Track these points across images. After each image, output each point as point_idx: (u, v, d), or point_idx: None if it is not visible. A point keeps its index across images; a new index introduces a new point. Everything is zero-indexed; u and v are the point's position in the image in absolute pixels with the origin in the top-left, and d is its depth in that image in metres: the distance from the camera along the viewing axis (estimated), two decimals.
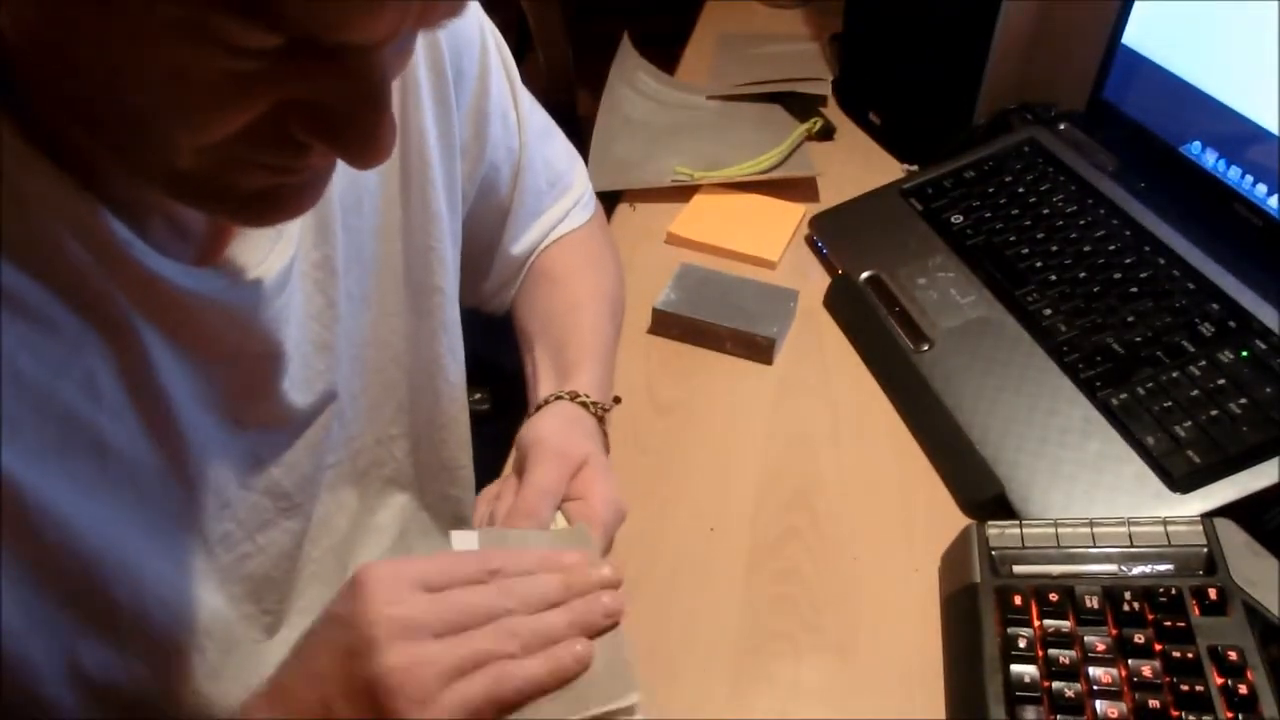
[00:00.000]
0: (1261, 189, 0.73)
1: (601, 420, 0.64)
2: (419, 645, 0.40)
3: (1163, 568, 0.56)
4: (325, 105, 0.34)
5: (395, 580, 0.42)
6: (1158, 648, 0.51)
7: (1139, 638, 0.52)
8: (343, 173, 0.53)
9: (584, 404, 0.63)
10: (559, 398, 0.63)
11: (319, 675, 0.41)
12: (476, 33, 0.63)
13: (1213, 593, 0.53)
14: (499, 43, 0.66)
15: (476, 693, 0.41)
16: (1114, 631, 0.53)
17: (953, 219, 0.86)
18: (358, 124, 0.35)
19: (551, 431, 0.60)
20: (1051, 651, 0.52)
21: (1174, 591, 0.53)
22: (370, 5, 0.31)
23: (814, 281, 0.87)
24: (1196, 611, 0.52)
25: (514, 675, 0.42)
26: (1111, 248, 0.78)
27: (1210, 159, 0.78)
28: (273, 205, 0.40)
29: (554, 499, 0.56)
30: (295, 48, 0.32)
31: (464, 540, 0.49)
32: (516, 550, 0.49)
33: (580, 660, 0.44)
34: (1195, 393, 0.65)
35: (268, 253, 0.47)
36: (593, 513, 0.55)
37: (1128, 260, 0.76)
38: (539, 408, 0.64)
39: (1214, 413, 0.63)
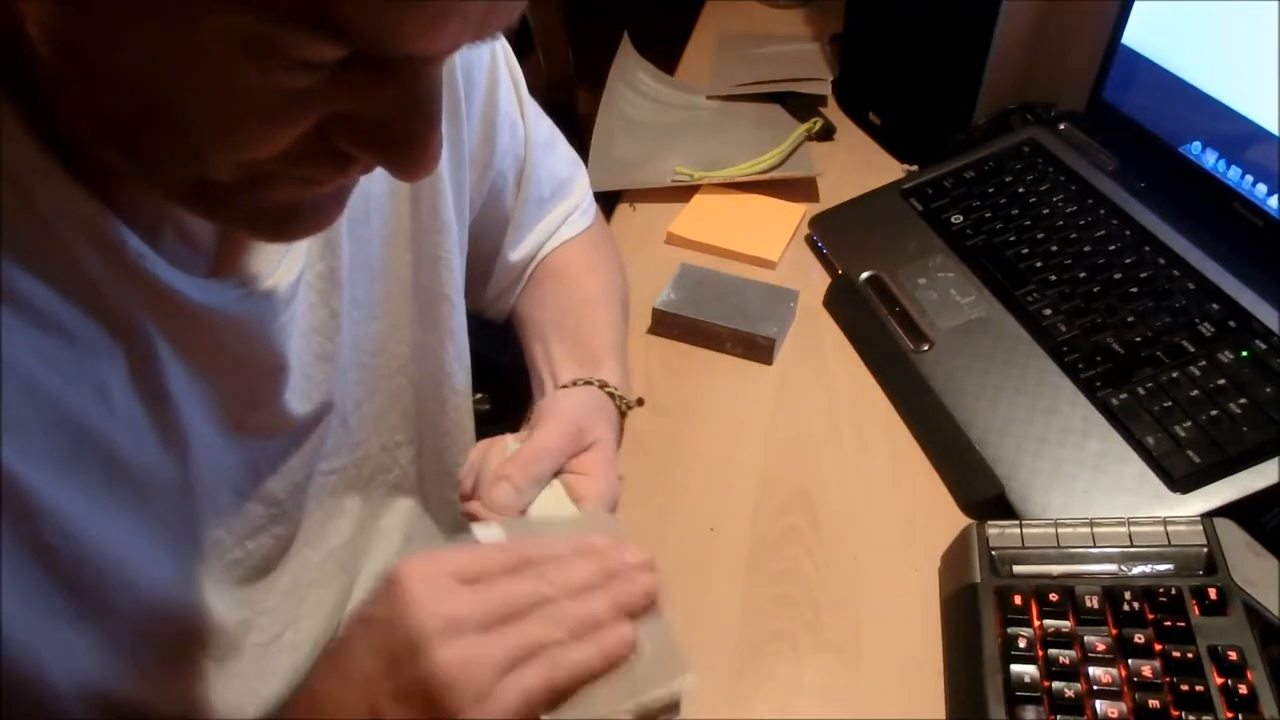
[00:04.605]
0: (1261, 189, 0.73)
1: (624, 415, 0.64)
2: (469, 640, 0.39)
3: (1163, 568, 0.56)
4: (376, 119, 0.34)
5: (433, 576, 0.41)
6: (1158, 648, 0.51)
7: (1139, 638, 0.52)
8: None
9: (611, 394, 0.63)
10: (587, 383, 0.63)
11: (362, 680, 0.40)
12: None
13: (1213, 593, 0.53)
14: (507, 53, 0.66)
15: (533, 683, 0.40)
16: (1114, 631, 0.53)
17: (953, 219, 0.86)
18: (408, 137, 0.34)
19: (572, 406, 0.60)
20: (1051, 651, 0.52)
21: (1174, 591, 0.53)
22: (438, 17, 0.30)
23: (814, 281, 0.87)
24: (1196, 611, 0.52)
25: (567, 662, 0.41)
26: (1111, 248, 0.78)
27: (1210, 159, 0.78)
28: (296, 220, 0.39)
29: (554, 461, 0.55)
30: (353, 62, 0.31)
31: (488, 532, 0.48)
32: (546, 537, 0.48)
33: (628, 643, 0.43)
34: (1195, 393, 0.65)
35: (277, 265, 0.47)
36: (591, 490, 0.55)
37: (1128, 260, 0.76)
38: (563, 388, 0.63)
39: (1214, 413, 0.63)
